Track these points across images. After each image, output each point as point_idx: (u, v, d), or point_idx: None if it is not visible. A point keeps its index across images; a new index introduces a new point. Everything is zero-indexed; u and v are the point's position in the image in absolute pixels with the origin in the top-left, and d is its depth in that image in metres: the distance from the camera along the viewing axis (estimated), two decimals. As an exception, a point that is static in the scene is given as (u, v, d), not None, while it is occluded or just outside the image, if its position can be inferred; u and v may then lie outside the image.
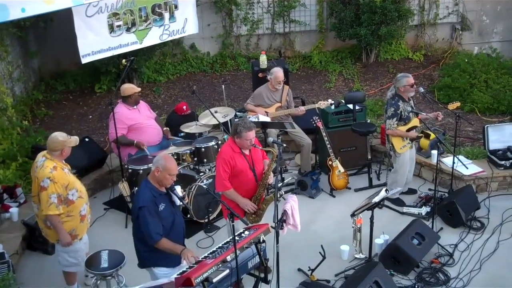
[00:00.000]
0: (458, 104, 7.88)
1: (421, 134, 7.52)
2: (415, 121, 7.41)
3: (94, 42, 7.81)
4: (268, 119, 8.04)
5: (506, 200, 7.80)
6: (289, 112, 8.35)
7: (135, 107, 7.75)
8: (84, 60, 7.80)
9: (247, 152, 6.03)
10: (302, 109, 8.26)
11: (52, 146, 5.72)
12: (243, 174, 6.00)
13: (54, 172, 5.62)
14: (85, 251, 6.07)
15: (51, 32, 10.78)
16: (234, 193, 6.00)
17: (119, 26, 8.04)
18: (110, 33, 7.96)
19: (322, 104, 8.21)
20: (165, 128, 8.10)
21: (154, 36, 8.58)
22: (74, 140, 5.89)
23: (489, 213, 7.52)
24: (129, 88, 7.72)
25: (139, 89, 7.84)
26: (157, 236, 5.08)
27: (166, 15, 8.60)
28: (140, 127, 7.68)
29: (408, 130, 7.38)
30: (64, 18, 8.15)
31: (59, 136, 5.76)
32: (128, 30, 8.17)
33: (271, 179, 6.09)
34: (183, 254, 5.07)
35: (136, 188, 6.99)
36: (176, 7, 8.70)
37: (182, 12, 8.80)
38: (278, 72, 8.27)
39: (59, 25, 10.13)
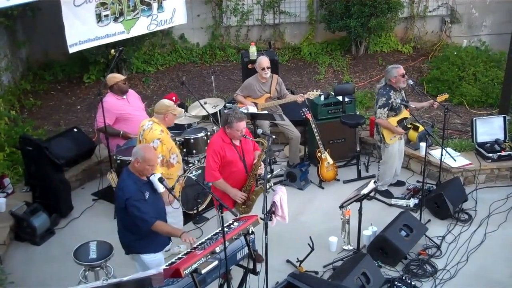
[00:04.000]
0: (447, 96, 7.92)
1: (410, 126, 7.54)
2: (405, 113, 7.43)
3: (81, 31, 7.73)
4: (257, 110, 8.03)
5: (494, 193, 7.86)
6: (289, 99, 8.28)
7: (124, 96, 7.70)
8: (71, 50, 7.73)
9: (237, 143, 6.03)
10: (300, 98, 8.14)
11: (157, 108, 6.21)
12: (233, 165, 6.00)
13: (162, 134, 6.08)
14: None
15: (39, 21, 10.68)
16: (224, 184, 5.99)
17: (106, 15, 7.97)
18: (98, 22, 7.89)
19: (312, 95, 8.19)
20: None
21: (141, 26, 8.51)
22: (180, 110, 6.35)
23: (477, 205, 7.57)
24: (111, 78, 7.67)
25: (122, 77, 7.76)
26: (153, 219, 5.18)
27: (155, 5, 8.52)
28: (128, 117, 7.64)
29: (399, 121, 7.40)
30: (52, 7, 8.09)
31: (165, 101, 6.28)
32: (116, 19, 8.10)
33: (261, 170, 6.09)
34: (183, 236, 5.16)
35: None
36: (165, -3, 8.65)
37: (171, 2, 8.72)
38: (261, 59, 8.23)
39: (47, 14, 10.05)
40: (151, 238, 5.32)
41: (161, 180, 5.25)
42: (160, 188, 5.33)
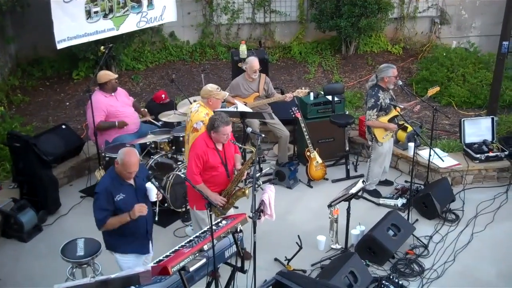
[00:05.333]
0: (438, 89, 7.96)
1: (402, 122, 7.55)
2: (395, 112, 7.44)
3: (70, 27, 7.71)
4: (247, 109, 8.01)
5: (481, 193, 7.90)
6: (277, 99, 8.29)
7: (112, 94, 7.69)
8: (59, 46, 7.70)
9: (220, 147, 6.01)
10: (289, 95, 8.17)
11: (201, 94, 6.51)
12: (215, 169, 5.98)
13: (206, 117, 6.24)
14: None
15: (29, 17, 10.61)
16: (204, 188, 5.95)
17: (96, 12, 7.94)
18: (87, 19, 7.87)
19: (300, 93, 8.20)
20: (143, 109, 8.07)
21: (131, 23, 8.50)
22: (223, 94, 6.58)
23: (464, 206, 7.61)
24: (105, 75, 7.65)
25: (115, 75, 7.77)
26: (101, 222, 5.17)
27: (145, 2, 8.52)
28: (117, 114, 7.63)
29: (390, 120, 7.42)
30: (41, 3, 8.04)
31: (208, 86, 6.52)
32: (105, 16, 8.07)
33: (243, 177, 6.11)
34: (133, 212, 5.08)
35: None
36: (155, -6, 8.63)
37: (161, -1, 8.73)
38: (253, 61, 8.22)
39: (36, 10, 9.97)
40: (128, 238, 5.29)
41: (149, 178, 5.22)
42: (153, 197, 5.29)
